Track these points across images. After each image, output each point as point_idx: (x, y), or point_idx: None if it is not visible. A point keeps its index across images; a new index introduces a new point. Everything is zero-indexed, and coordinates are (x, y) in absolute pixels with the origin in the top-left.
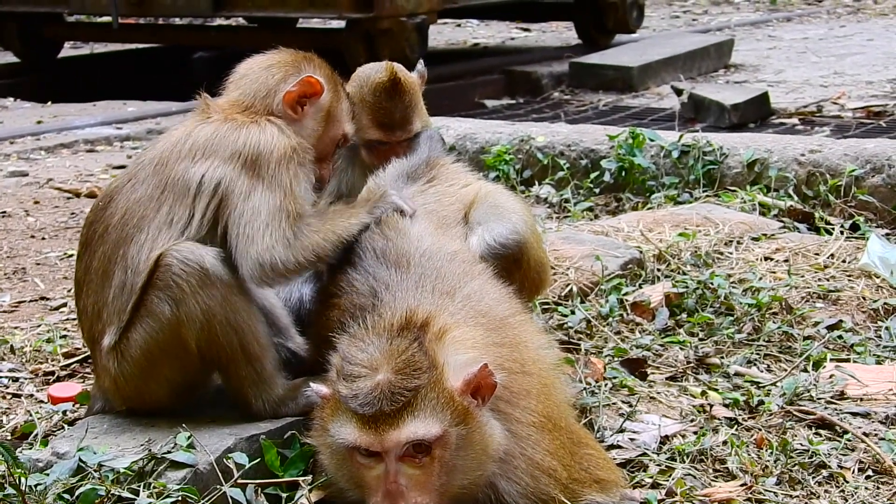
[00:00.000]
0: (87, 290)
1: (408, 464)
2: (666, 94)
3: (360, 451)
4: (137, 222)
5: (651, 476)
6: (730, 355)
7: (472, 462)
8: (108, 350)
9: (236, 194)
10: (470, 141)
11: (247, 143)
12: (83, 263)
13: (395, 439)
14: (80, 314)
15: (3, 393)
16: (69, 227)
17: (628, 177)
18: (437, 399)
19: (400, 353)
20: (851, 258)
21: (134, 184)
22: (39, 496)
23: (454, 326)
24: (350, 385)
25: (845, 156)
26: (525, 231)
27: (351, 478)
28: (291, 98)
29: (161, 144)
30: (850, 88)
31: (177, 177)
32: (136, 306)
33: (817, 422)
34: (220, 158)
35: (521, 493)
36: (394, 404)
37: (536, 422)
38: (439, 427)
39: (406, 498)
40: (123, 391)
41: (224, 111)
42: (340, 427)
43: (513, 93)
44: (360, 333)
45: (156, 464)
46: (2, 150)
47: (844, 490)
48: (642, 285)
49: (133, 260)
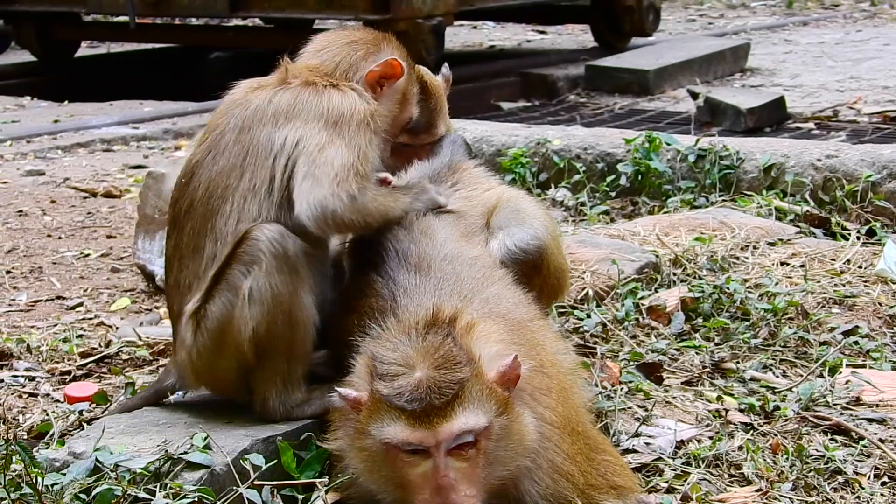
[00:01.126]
0: (178, 266)
1: (455, 457)
2: (682, 97)
3: (408, 448)
4: (222, 193)
5: (666, 481)
6: (745, 360)
7: (511, 452)
8: (187, 318)
9: (313, 145)
10: (486, 143)
11: (330, 105)
12: (172, 241)
13: (448, 432)
14: (170, 289)
15: (20, 392)
16: (85, 227)
17: (644, 181)
18: (480, 391)
19: (436, 348)
20: (868, 264)
21: (215, 155)
22: (56, 496)
23: (480, 321)
24: (390, 384)
25: (862, 161)
26: (546, 237)
27: (391, 479)
28: (373, 77)
29: (239, 111)
30: (866, 93)
31: (259, 142)
32: (217, 277)
33: (833, 427)
34: (303, 120)
35: (541, 494)
36: (443, 397)
37: (557, 422)
38: (485, 418)
39: (457, 491)
40: (196, 365)
41: (304, 76)
42: (385, 426)
43: (528, 95)
44: (385, 334)
45: (172, 464)
46: (19, 149)
47: (860, 496)
48: (658, 289)
49: (222, 231)
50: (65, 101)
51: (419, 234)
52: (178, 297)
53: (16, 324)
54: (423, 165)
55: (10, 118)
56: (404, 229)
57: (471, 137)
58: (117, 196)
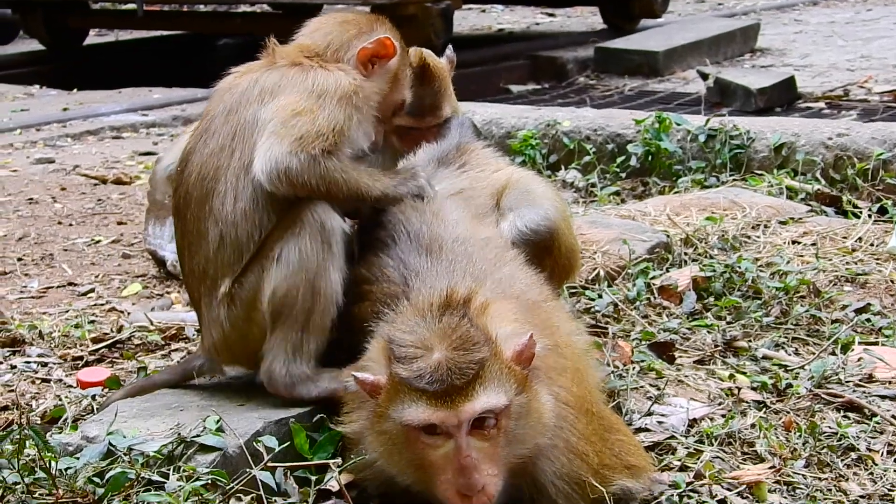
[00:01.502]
0: (188, 254)
1: (476, 437)
2: (692, 78)
3: (429, 429)
4: (214, 174)
5: (679, 459)
6: (757, 339)
7: (530, 431)
8: (221, 299)
9: (289, 110)
10: (496, 126)
11: (314, 82)
12: (178, 230)
13: (470, 411)
14: (186, 277)
15: (33, 378)
16: (96, 214)
17: (655, 161)
18: (499, 369)
19: (453, 329)
20: (879, 241)
21: (206, 139)
22: (70, 480)
23: (494, 301)
24: (409, 366)
25: (873, 139)
26: (556, 217)
27: (412, 461)
28: (365, 55)
29: (228, 95)
30: (876, 72)
31: (246, 121)
32: (255, 254)
33: (846, 405)
34: (286, 94)
35: (556, 473)
36: (463, 378)
37: (572, 402)
38: (506, 397)
39: (479, 471)
40: (230, 338)
41: (291, 56)
42: (406, 408)
43: (538, 78)
44: (400, 318)
45: (185, 447)
46: (28, 138)
47: (873, 473)
48: (669, 269)
49: (220, 212)
50: (74, 89)
51: (430, 216)
52: (193, 284)
53: (28, 310)
54: (431, 147)
55: (20, 106)
56: (415, 211)
57: (480, 120)
58: (127, 183)
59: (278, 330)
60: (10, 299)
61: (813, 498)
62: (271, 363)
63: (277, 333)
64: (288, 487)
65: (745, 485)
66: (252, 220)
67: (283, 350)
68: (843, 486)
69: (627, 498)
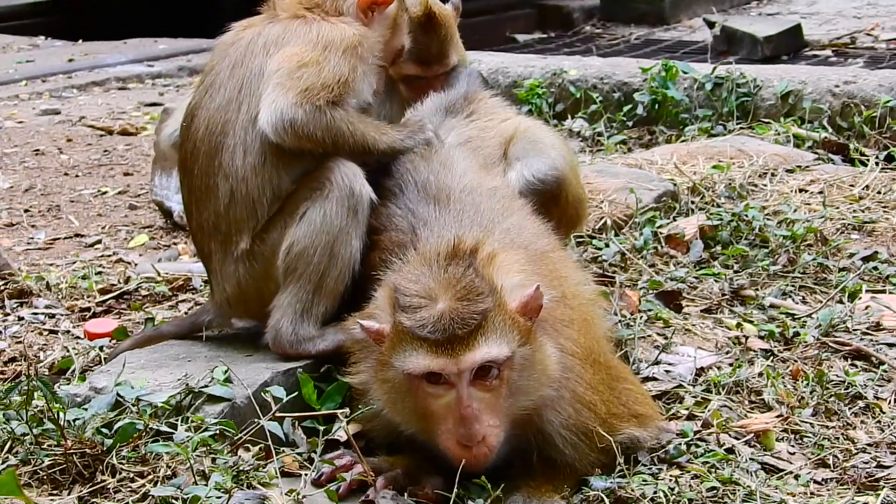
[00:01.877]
0: (197, 209)
1: (478, 387)
2: (698, 26)
3: (431, 378)
4: (223, 128)
5: (687, 408)
6: (765, 287)
7: (534, 383)
8: (240, 255)
9: (295, 61)
10: (502, 75)
11: (319, 33)
12: (185, 187)
13: (471, 360)
14: (194, 233)
15: (40, 329)
16: (102, 165)
17: (661, 109)
18: (502, 320)
19: (457, 279)
20: (887, 189)
21: (211, 93)
22: (78, 430)
23: (501, 251)
24: (412, 315)
25: (880, 87)
26: (564, 167)
27: (415, 411)
28: (365, 3)
29: (233, 49)
30: (883, 19)
31: (252, 73)
32: (281, 208)
33: (853, 353)
34: (292, 45)
35: (563, 423)
36: (466, 328)
37: (579, 353)
38: (508, 347)
39: (480, 421)
40: (246, 292)
41: (292, 9)
42: (408, 357)
43: (544, 27)
44: (406, 266)
45: (193, 398)
46: (34, 89)
47: (881, 421)
48: (676, 218)
49: (230, 166)
50: (79, 39)
51: (438, 166)
52: (203, 239)
53: (35, 262)
54: (439, 97)
55: (25, 58)
56: (423, 160)
57: (486, 69)
58: (133, 133)
59: (290, 287)
60: (17, 251)
61: (820, 446)
62: (279, 320)
63: (289, 291)
64: (296, 437)
65: (753, 433)
66: (262, 175)
67: (292, 309)
68: (850, 435)
69: (635, 446)
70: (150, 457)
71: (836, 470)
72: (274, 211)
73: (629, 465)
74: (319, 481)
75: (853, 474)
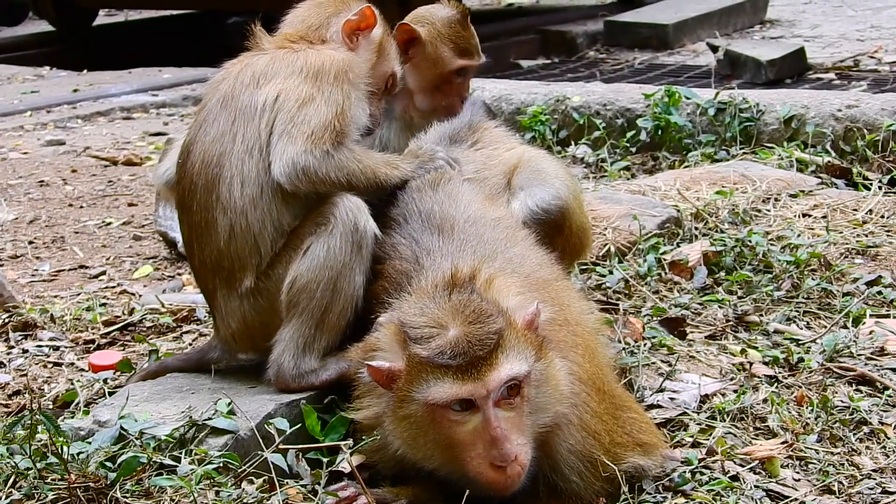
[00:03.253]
0: (198, 245)
1: (503, 407)
2: (702, 51)
3: (457, 405)
4: (218, 160)
5: (692, 435)
6: (769, 313)
7: (549, 399)
8: (245, 292)
9: (293, 101)
10: (506, 102)
11: (307, 61)
12: (185, 224)
13: (497, 379)
14: (197, 270)
15: (44, 362)
16: (107, 195)
17: (665, 135)
18: (516, 338)
19: (464, 305)
20: (890, 213)
21: (205, 128)
22: (82, 464)
23: (497, 275)
24: (427, 345)
25: (883, 110)
26: (567, 196)
27: (438, 443)
28: (350, 27)
29: (223, 85)
30: (887, 42)
31: (244, 105)
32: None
33: (858, 378)
34: (282, 77)
35: (570, 449)
36: (485, 348)
37: (585, 378)
38: (526, 363)
39: (510, 440)
40: (252, 328)
41: (277, 43)
42: (431, 387)
43: (548, 53)
44: (406, 303)
45: (197, 430)
46: (39, 119)
47: (886, 446)
48: (680, 244)
49: (228, 199)
50: (84, 70)
51: (443, 196)
52: (209, 276)
53: (39, 294)
54: (442, 125)
55: (30, 88)
56: (428, 190)
57: (490, 96)
58: (138, 164)
59: (293, 321)
60: (22, 283)
61: (825, 472)
62: (281, 354)
63: (292, 325)
64: (300, 469)
65: (758, 460)
66: (261, 207)
67: (294, 343)
68: (855, 461)
69: (640, 475)
70: (154, 490)
71: (841, 496)
72: (279, 247)
73: (634, 493)
74: None
75: (858, 500)
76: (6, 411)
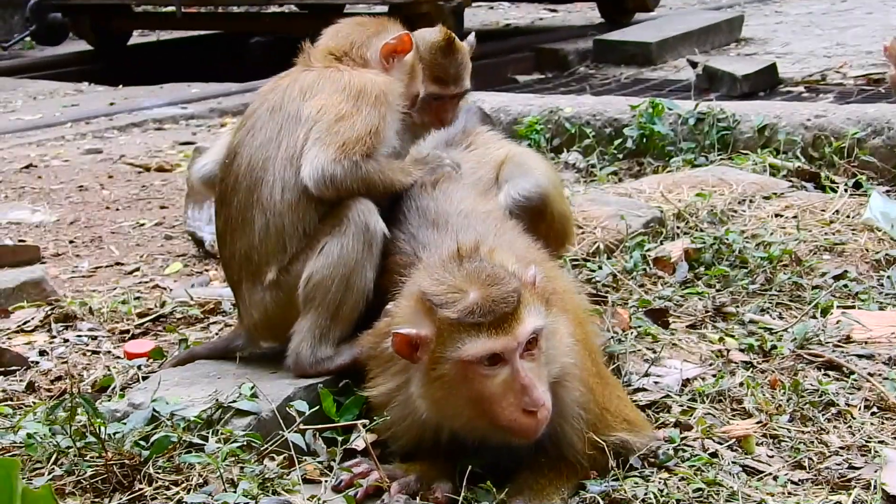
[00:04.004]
0: (231, 239)
1: (526, 359)
2: (682, 66)
3: (490, 359)
4: (263, 164)
5: (674, 416)
6: (744, 304)
7: (558, 350)
8: (268, 285)
9: (332, 114)
10: (504, 113)
11: (350, 81)
12: (222, 217)
13: (524, 332)
14: (227, 261)
15: (84, 350)
16: (140, 199)
17: (649, 143)
18: (530, 295)
19: (478, 271)
20: (855, 214)
21: (253, 133)
22: (118, 443)
23: (496, 248)
24: (455, 307)
25: (848, 120)
26: (547, 185)
27: (470, 399)
28: (388, 50)
29: (272, 95)
30: (851, 58)
31: (290, 115)
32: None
33: (826, 364)
34: (328, 93)
35: (574, 400)
36: (509, 305)
37: (578, 339)
38: (543, 317)
39: (537, 388)
40: (272, 319)
41: (324, 59)
42: (464, 345)
43: (542, 68)
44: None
45: (223, 412)
46: (78, 130)
47: (852, 426)
48: (663, 242)
49: (269, 201)
50: (119, 85)
51: (438, 193)
52: (234, 268)
53: (79, 288)
54: (439, 133)
55: (70, 102)
56: (426, 188)
57: (489, 108)
58: (169, 170)
59: (310, 314)
60: (63, 278)
61: (797, 450)
62: (299, 344)
63: (309, 317)
64: (317, 447)
65: (735, 438)
66: (297, 212)
67: (311, 334)
68: (824, 439)
69: (627, 450)
70: (184, 467)
71: (811, 471)
72: (302, 246)
73: (621, 468)
74: (339, 487)
75: (827, 475)
76: (49, 395)
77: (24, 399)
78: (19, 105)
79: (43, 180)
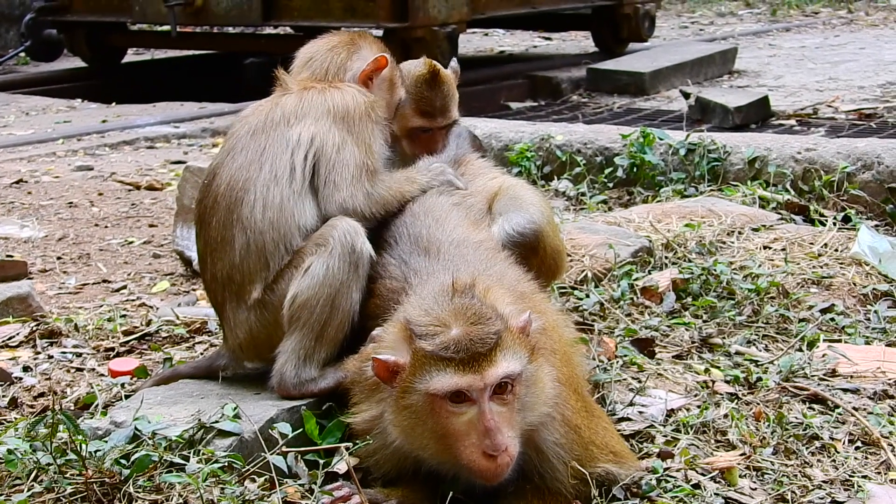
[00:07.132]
0: (211, 260)
1: (496, 402)
2: (675, 97)
3: (456, 396)
4: (243, 185)
5: (658, 446)
6: (731, 336)
7: (537, 399)
8: (252, 304)
9: (330, 146)
10: (495, 139)
11: (333, 102)
12: (202, 239)
13: (494, 375)
14: (208, 283)
15: (68, 367)
16: (129, 217)
17: (639, 172)
18: (512, 340)
19: (466, 308)
20: (843, 247)
21: (233, 155)
22: (98, 461)
23: (493, 286)
24: (432, 340)
25: (838, 154)
26: (541, 220)
27: (435, 432)
28: (365, 75)
29: (252, 118)
30: (843, 93)
31: (275, 140)
32: (290, 261)
33: (811, 397)
34: (312, 118)
35: (556, 442)
36: (485, 345)
37: (564, 381)
38: (520, 364)
39: (502, 432)
40: (257, 339)
41: (301, 84)
42: (433, 379)
43: (535, 96)
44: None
45: (205, 432)
46: (70, 147)
47: (836, 460)
48: (651, 271)
49: (248, 220)
50: (112, 102)
51: (430, 220)
52: (217, 289)
53: (65, 305)
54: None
55: (63, 118)
56: (418, 216)
57: (481, 134)
58: (159, 189)
59: (295, 334)
60: (50, 294)
61: (780, 483)
62: (283, 365)
63: (293, 337)
64: (299, 470)
65: (718, 470)
66: (279, 230)
67: (295, 355)
68: (807, 472)
69: (611, 481)
70: (164, 486)
71: None
72: (285, 263)
73: (603, 498)
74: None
75: None
76: (31, 411)
77: (6, 415)
78: (12, 120)
79: (33, 196)
